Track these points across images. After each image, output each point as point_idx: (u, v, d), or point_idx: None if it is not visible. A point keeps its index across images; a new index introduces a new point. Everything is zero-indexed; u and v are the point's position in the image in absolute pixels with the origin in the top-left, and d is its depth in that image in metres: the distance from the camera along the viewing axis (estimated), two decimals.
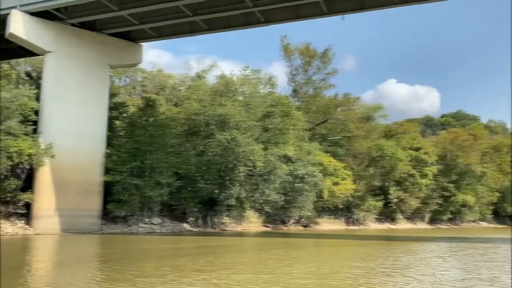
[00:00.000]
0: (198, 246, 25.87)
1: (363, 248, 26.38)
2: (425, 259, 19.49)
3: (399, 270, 15.52)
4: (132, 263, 16.57)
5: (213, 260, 18.35)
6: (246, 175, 43.74)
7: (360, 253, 23.25)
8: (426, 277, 14.18)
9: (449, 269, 16.35)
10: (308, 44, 62.38)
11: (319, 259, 19.00)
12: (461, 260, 19.31)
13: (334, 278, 13.68)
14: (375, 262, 18.11)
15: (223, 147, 42.43)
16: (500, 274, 14.99)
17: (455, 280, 13.58)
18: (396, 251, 23.37)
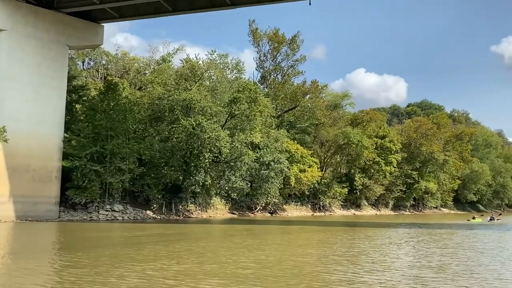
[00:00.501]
0: (154, 234, 25.13)
1: (323, 234, 26.36)
2: (380, 245, 19.31)
3: (350, 258, 15.20)
4: (74, 253, 15.69)
5: (161, 248, 17.54)
6: (211, 162, 43.12)
7: (318, 239, 23.09)
8: (375, 265, 13.81)
9: (400, 256, 16.10)
10: (276, 30, 61.80)
11: (274, 247, 18.57)
12: (416, 247, 19.22)
13: (279, 267, 13.08)
14: (329, 249, 17.87)
15: (188, 133, 41.56)
16: (450, 261, 14.83)
17: (404, 267, 13.33)
18: (354, 238, 23.41)
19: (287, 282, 10.74)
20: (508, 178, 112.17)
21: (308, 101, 61.46)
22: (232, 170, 43.52)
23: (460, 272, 12.69)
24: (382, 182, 74.60)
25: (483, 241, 21.78)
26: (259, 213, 55.14)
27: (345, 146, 65.34)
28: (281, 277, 11.49)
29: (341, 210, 70.43)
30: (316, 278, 11.56)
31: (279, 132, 54.96)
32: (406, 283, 10.97)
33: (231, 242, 20.81)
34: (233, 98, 43.79)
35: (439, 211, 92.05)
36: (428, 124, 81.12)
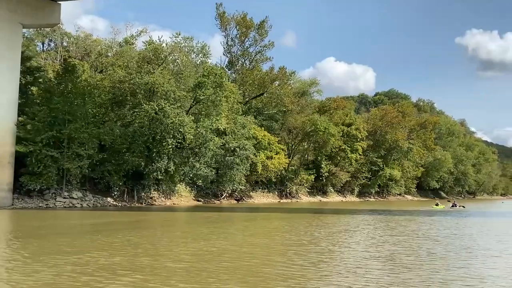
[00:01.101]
0: (107, 222, 23.91)
1: (281, 221, 25.96)
2: (335, 233, 18.70)
3: (297, 248, 14.26)
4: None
5: (97, 239, 16.12)
6: (175, 148, 42.09)
7: (273, 227, 22.42)
8: (322, 255, 12.98)
9: (351, 245, 15.41)
10: (245, 14, 60.74)
11: (224, 236, 17.54)
12: (370, 235, 18.60)
13: (218, 259, 11.94)
14: (280, 238, 17.04)
15: (150, 118, 40.34)
16: (400, 250, 14.00)
17: (351, 258, 12.64)
18: (311, 225, 23.01)
19: (218, 277, 9.76)
20: (469, 166, 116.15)
21: (276, 88, 60.97)
22: (197, 157, 42.66)
23: (409, 263, 11.92)
24: (348, 169, 75.53)
25: (439, 228, 21.51)
26: (225, 200, 54.64)
27: (312, 134, 65.50)
28: (214, 271, 10.42)
29: (307, 197, 70.92)
30: (252, 272, 10.61)
31: (246, 118, 54.32)
32: (345, 275, 10.21)
33: (183, 231, 19.96)
34: (198, 83, 42.73)
35: (403, 197, 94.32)
36: (393, 112, 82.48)
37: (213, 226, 21.74)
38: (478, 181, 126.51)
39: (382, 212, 36.84)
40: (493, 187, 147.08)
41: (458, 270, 10.94)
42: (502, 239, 17.07)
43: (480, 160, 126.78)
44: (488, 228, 22.65)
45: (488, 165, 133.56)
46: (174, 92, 41.43)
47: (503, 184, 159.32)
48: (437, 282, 9.59)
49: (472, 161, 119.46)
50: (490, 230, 21.55)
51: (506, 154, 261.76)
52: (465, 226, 22.75)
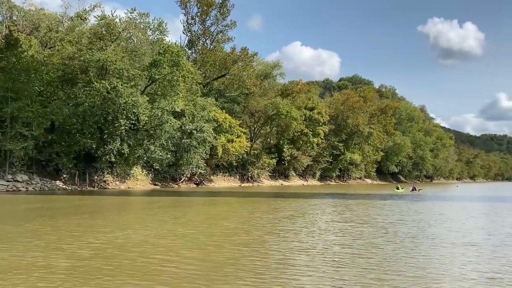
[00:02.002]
0: (38, 208, 22.07)
1: (229, 207, 24.56)
2: (279, 219, 17.08)
3: (222, 239, 12.63)
4: None
5: (17, 226, 14.49)
6: (129, 130, 40.20)
7: (216, 213, 20.70)
8: (244, 247, 11.27)
9: (288, 234, 13.35)
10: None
11: (153, 223, 15.50)
12: (314, 220, 17.31)
13: (124, 254, 10.31)
14: (213, 226, 15.20)
15: (102, 97, 38.17)
16: (340, 240, 12.49)
17: (280, 250, 10.95)
18: (260, 210, 21.67)
19: (104, 278, 8.10)
20: (427, 151, 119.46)
21: (238, 69, 59.50)
22: (152, 139, 40.94)
23: (341, 257, 10.16)
24: (310, 153, 75.68)
25: (388, 213, 20.28)
26: (184, 184, 53.28)
27: (275, 117, 64.83)
28: (104, 269, 8.77)
29: (269, 181, 70.60)
30: (149, 270, 8.79)
31: (207, 100, 52.80)
32: (247, 280, 8.17)
33: (112, 218, 18.24)
34: (153, 61, 40.75)
35: (363, 181, 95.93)
36: (355, 97, 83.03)
37: (152, 213, 20.18)
38: (435, 165, 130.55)
39: (337, 196, 36.61)
40: (450, 172, 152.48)
41: (397, 264, 9.58)
42: (451, 227, 16.26)
43: (438, 145, 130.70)
44: (439, 213, 22.08)
45: (445, 150, 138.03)
46: (127, 70, 39.33)
47: (458, 169, 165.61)
48: (370, 281, 8.12)
49: (430, 146, 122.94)
50: (441, 214, 21.20)
51: (462, 140, 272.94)
52: (416, 211, 21.61)
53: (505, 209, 25.82)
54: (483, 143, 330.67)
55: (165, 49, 41.14)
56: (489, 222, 18.41)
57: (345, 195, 38.49)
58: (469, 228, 15.73)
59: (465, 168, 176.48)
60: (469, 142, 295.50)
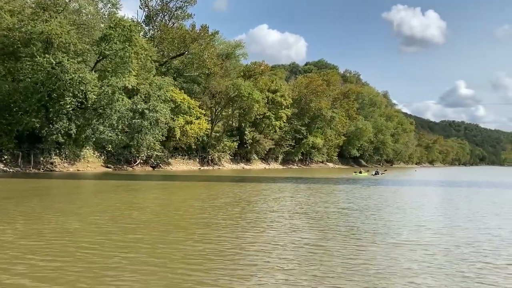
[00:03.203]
0: None
1: (171, 191, 22.74)
2: (212, 207, 15.18)
3: (143, 226, 11.14)
4: None
5: None
6: (77, 108, 37.64)
7: (151, 198, 18.74)
8: (126, 250, 8.62)
9: (218, 225, 11.46)
10: None
11: (66, 212, 13.85)
12: (252, 208, 15.39)
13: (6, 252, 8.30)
14: (127, 216, 12.87)
15: (46, 73, 35.37)
16: (276, 230, 10.96)
17: (197, 248, 8.86)
18: (202, 195, 20.19)
19: None
20: (388, 135, 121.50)
21: (198, 48, 57.22)
22: (101, 119, 38.54)
23: (252, 258, 8.07)
24: (272, 136, 74.83)
25: (337, 200, 18.75)
26: (139, 167, 51.11)
27: (237, 99, 63.24)
28: None
29: (230, 164, 69.28)
30: (31, 266, 7.34)
31: (164, 79, 50.52)
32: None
33: (42, 201, 16.73)
34: (103, 36, 38.09)
35: (325, 165, 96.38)
36: (318, 80, 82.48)
37: (79, 199, 18.15)
38: (395, 150, 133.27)
39: (292, 180, 35.75)
40: (409, 156, 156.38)
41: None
42: (400, 222, 13.07)
43: (399, 130, 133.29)
44: (392, 198, 21.00)
45: (406, 135, 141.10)
46: (75, 44, 36.60)
47: (418, 154, 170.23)
48: None
49: (391, 131, 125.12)
50: (394, 201, 20.20)
51: (423, 126, 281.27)
52: (368, 197, 20.46)
53: (460, 194, 25.66)
54: (442, 129, 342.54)
55: (116, 23, 38.50)
56: (445, 209, 17.84)
57: (303, 179, 37.68)
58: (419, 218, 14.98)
59: (424, 153, 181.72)
60: (429, 127, 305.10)
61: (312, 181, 35.42)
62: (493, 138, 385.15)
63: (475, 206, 17.93)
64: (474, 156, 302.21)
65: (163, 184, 28.99)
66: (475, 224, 12.86)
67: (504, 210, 16.35)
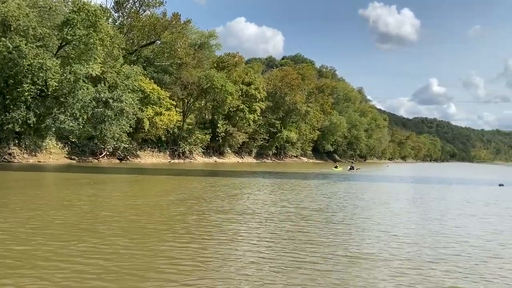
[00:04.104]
0: None
1: (114, 186, 21.54)
2: (167, 204, 14.07)
3: (111, 223, 10.29)
4: None
5: None
6: (36, 96, 35.49)
7: (86, 195, 15.75)
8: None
9: (158, 225, 10.45)
10: None
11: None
12: (213, 198, 15.45)
13: None
14: (78, 208, 12.31)
15: (2, 57, 33.10)
16: (218, 231, 9.85)
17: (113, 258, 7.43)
18: (150, 192, 18.98)
19: None
20: (361, 131, 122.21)
21: (169, 37, 55.33)
22: (63, 107, 36.50)
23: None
24: (246, 130, 73.71)
25: (300, 197, 17.34)
26: (106, 159, 49.17)
27: (209, 90, 61.68)
28: None
29: (202, 157, 67.82)
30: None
31: (132, 68, 48.60)
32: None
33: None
34: (65, 20, 35.98)
35: (299, 159, 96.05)
36: (293, 74, 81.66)
37: (16, 193, 16.52)
38: (369, 145, 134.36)
39: (260, 174, 34.77)
40: (382, 152, 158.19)
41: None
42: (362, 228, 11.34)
43: (372, 126, 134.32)
44: (359, 196, 19.00)
45: (379, 131, 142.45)
46: (34, 28, 34.36)
47: (391, 149, 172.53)
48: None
49: (365, 126, 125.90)
50: (360, 199, 19.17)
51: (396, 122, 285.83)
52: (333, 194, 19.04)
53: (428, 190, 25.21)
54: (415, 126, 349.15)
55: (79, 8, 36.41)
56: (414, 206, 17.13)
57: (273, 174, 36.73)
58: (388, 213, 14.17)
59: (397, 148, 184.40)
60: (402, 124, 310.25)
61: (281, 175, 34.50)
62: (464, 136, 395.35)
63: (446, 206, 17.30)
64: (445, 152, 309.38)
65: (121, 178, 27.49)
66: (445, 230, 11.23)
67: (472, 211, 15.74)
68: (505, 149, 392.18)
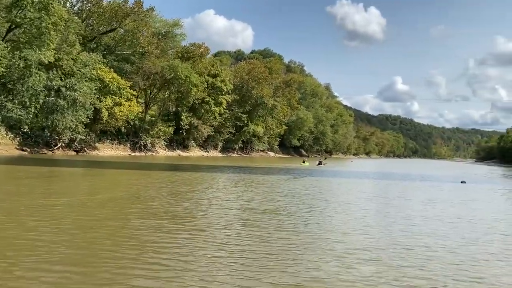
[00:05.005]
0: None
1: (51, 181, 20.07)
2: (99, 201, 12.51)
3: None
4: None
5: None
6: None
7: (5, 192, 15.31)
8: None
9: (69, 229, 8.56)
10: None
11: None
12: (151, 197, 13.50)
13: None
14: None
15: None
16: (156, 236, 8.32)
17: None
18: (107, 184, 18.04)
19: None
20: (327, 126, 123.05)
21: (131, 24, 52.98)
22: (11, 95, 33.96)
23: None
24: (212, 123, 72.19)
25: (247, 195, 15.71)
26: (61, 151, 46.60)
27: (173, 81, 59.74)
28: None
29: (165, 151, 65.87)
30: None
31: (91, 56, 46.20)
32: None
33: None
34: (14, 1, 33.39)
35: (266, 154, 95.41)
36: (261, 67, 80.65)
37: None
38: (335, 140, 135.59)
39: (219, 169, 33.61)
40: (347, 147, 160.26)
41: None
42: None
43: (338, 121, 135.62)
44: (316, 195, 17.14)
45: (345, 127, 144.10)
46: None
47: (356, 145, 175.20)
48: None
49: (331, 122, 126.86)
50: (317, 198, 18.07)
51: (361, 118, 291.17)
52: (289, 192, 17.13)
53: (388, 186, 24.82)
54: (379, 122, 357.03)
55: None
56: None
57: (234, 168, 35.55)
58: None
59: (361, 144, 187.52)
60: (367, 120, 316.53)
61: (243, 170, 33.41)
62: (425, 133, 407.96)
63: (412, 209, 16.70)
64: (408, 149, 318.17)
65: (68, 171, 25.63)
66: (411, 241, 9.12)
67: (437, 212, 15.17)
68: (464, 147, 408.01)
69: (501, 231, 10.98)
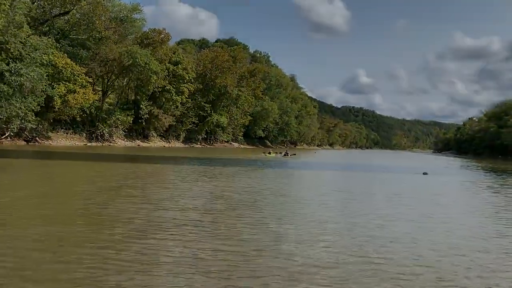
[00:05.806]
0: None
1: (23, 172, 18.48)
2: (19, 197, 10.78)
3: None
4: None
5: None
6: None
7: None
8: None
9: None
10: None
11: None
12: (81, 192, 12.02)
13: None
14: None
15: None
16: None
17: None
18: (40, 177, 16.52)
19: None
20: (292, 117, 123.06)
21: (86, 7, 50.01)
22: None
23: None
24: (173, 112, 70.11)
25: (195, 188, 14.31)
26: (9, 140, 43.63)
27: (132, 68, 57.19)
28: None
29: (124, 141, 63.38)
30: None
31: (42, 39, 43.26)
32: None
33: None
34: None
35: (230, 145, 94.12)
36: (224, 56, 78.89)
37: None
38: (299, 132, 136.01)
39: (176, 160, 32.10)
40: (312, 138, 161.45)
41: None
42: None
43: (303, 112, 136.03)
44: (274, 190, 15.79)
45: (309, 118, 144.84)
46: None
47: (320, 136, 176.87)
48: None
49: (296, 113, 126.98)
50: (274, 194, 17.62)
51: (325, 110, 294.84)
52: (245, 188, 15.10)
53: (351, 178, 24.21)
54: (343, 114, 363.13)
55: None
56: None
57: (193, 160, 34.06)
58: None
59: (325, 135, 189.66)
60: (331, 112, 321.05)
61: (202, 162, 31.94)
62: (387, 124, 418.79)
63: (376, 207, 15.94)
64: (370, 140, 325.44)
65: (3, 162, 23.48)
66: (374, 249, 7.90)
67: (405, 210, 14.45)
68: (423, 138, 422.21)
69: (481, 236, 10.27)
